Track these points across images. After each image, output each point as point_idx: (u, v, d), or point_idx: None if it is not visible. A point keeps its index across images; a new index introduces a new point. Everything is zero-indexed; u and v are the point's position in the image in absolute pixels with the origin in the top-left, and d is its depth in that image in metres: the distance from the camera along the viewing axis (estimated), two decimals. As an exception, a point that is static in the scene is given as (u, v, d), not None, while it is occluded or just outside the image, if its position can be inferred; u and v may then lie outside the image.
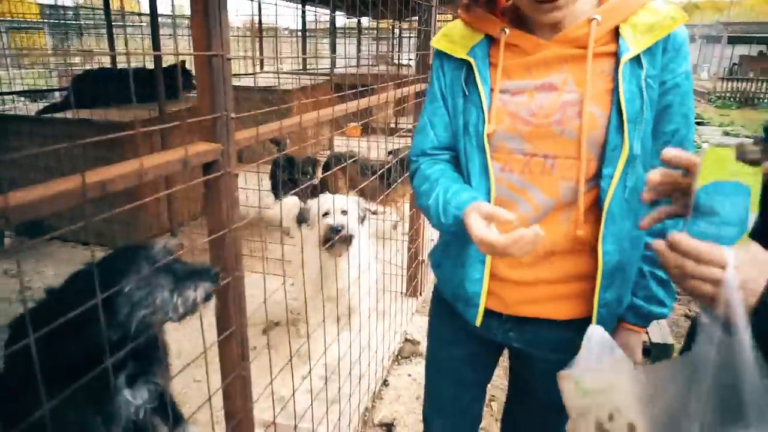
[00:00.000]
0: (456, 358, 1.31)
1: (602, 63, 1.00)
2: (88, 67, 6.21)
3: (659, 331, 3.06)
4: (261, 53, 8.86)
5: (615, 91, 0.98)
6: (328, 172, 4.06)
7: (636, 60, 0.98)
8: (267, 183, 4.15)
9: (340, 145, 7.03)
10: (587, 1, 1.04)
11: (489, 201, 1.08)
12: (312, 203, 2.47)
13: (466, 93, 1.10)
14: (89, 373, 0.81)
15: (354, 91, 2.01)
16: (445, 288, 1.26)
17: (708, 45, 26.41)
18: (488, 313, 1.17)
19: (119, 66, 5.00)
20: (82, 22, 9.19)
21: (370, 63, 11.01)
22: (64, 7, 10.21)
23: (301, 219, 2.52)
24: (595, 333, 0.96)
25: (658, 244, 0.72)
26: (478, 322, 1.17)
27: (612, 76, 0.99)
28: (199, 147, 1.04)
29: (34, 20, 10.68)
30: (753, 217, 0.66)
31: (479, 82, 1.07)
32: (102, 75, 4.34)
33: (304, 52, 10.08)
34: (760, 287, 0.66)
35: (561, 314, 1.12)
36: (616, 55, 0.99)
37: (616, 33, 1.00)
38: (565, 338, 1.12)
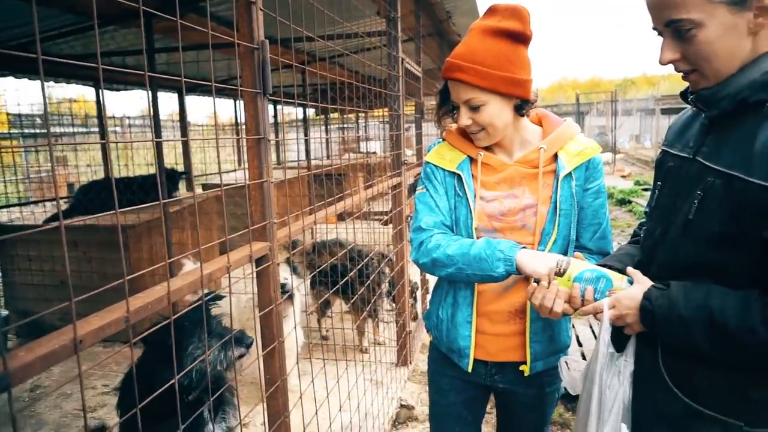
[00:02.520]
0: (456, 403, 1.65)
1: (547, 178, 1.48)
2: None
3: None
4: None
5: (554, 195, 1.46)
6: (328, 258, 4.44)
7: (568, 175, 1.46)
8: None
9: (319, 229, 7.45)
10: (534, 131, 1.53)
11: None
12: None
13: (459, 194, 1.52)
14: (182, 410, 1.16)
15: (337, 196, 2.46)
16: (441, 344, 1.64)
17: (645, 117, 28.82)
18: (477, 362, 1.56)
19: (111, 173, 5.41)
20: (53, 130, 9.60)
21: (340, 152, 11.74)
22: (32, 116, 10.65)
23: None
24: (563, 362, 1.40)
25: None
26: (470, 369, 1.56)
27: (552, 186, 1.47)
28: (256, 246, 1.44)
29: (3, 131, 11.03)
30: (594, 267, 1.25)
31: (467, 190, 1.50)
32: (105, 184, 4.76)
33: (278, 146, 10.74)
34: (634, 310, 1.11)
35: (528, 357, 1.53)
36: (555, 172, 1.47)
37: (554, 156, 1.49)
38: (538, 377, 1.54)
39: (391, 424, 3.16)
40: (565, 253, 1.48)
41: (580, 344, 4.10)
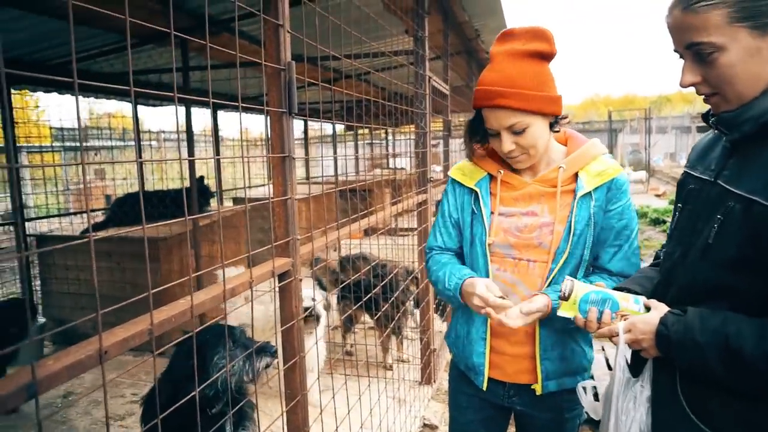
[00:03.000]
0: (473, 421, 1.65)
1: (566, 197, 1.47)
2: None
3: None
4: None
5: (570, 215, 1.45)
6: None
7: (587, 195, 1.45)
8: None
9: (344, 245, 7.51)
10: (559, 150, 1.53)
11: None
12: None
13: (475, 212, 1.55)
14: (204, 423, 1.18)
15: (362, 213, 2.48)
16: (459, 361, 1.65)
17: (681, 135, 28.18)
18: (495, 382, 1.56)
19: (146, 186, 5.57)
20: (92, 143, 9.94)
21: (368, 168, 11.83)
22: (73, 129, 11.09)
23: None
24: (580, 388, 1.38)
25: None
26: (484, 387, 1.56)
27: (570, 206, 1.46)
28: (279, 261, 1.47)
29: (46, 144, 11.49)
30: (599, 288, 1.25)
31: (482, 206, 1.53)
32: (138, 197, 4.92)
33: (307, 163, 10.89)
34: (650, 335, 1.09)
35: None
36: (574, 192, 1.46)
37: (575, 176, 1.48)
38: (554, 400, 1.52)
39: (414, 442, 3.13)
40: (576, 273, 1.46)
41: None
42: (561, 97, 1.42)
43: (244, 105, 1.39)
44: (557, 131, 1.50)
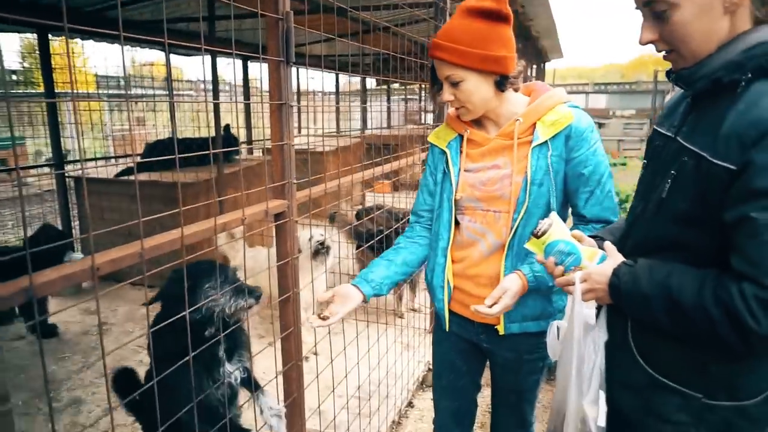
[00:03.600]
0: (449, 351, 1.79)
1: (524, 149, 1.52)
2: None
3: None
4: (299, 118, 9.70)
5: (527, 166, 1.50)
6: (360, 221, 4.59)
7: (543, 144, 1.49)
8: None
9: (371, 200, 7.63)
10: (522, 103, 1.57)
11: (448, 244, 1.64)
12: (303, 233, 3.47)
13: (446, 171, 1.65)
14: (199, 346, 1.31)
15: (384, 157, 2.55)
16: (434, 301, 1.78)
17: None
18: (466, 320, 1.68)
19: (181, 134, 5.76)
20: (134, 91, 10.21)
21: (399, 123, 11.76)
22: (117, 77, 11.37)
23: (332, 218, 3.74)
24: (553, 326, 1.46)
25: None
26: (447, 328, 1.72)
27: (527, 157, 1.51)
28: (273, 203, 1.58)
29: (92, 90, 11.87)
30: (572, 241, 1.26)
31: (451, 166, 1.63)
32: (169, 143, 5.10)
33: (338, 114, 10.94)
34: (603, 285, 1.15)
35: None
36: (531, 143, 1.51)
37: (533, 127, 1.52)
38: (516, 341, 1.63)
39: (417, 385, 3.30)
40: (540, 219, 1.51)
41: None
42: (507, 57, 1.45)
43: (243, 53, 1.46)
44: (504, 90, 1.52)
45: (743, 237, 0.94)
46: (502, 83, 1.50)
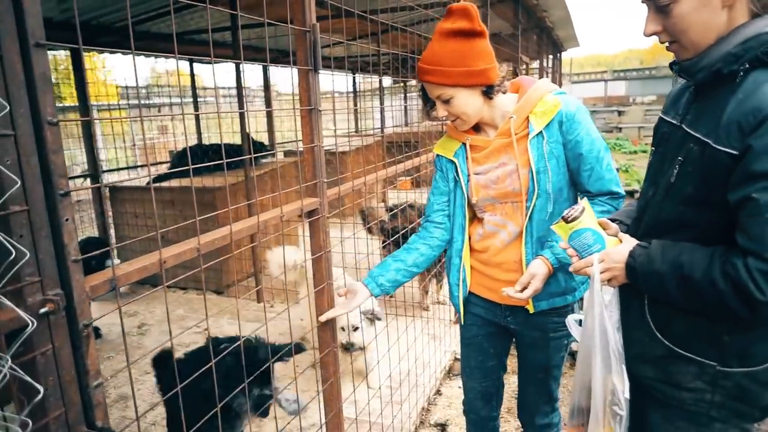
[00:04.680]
0: (478, 335, 1.91)
1: (523, 142, 1.63)
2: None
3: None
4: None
5: (529, 157, 1.61)
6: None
7: (539, 135, 1.60)
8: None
9: (393, 197, 7.76)
10: (512, 101, 1.68)
11: (462, 246, 1.80)
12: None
13: (456, 179, 1.78)
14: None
15: (404, 155, 2.67)
16: (450, 298, 1.92)
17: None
18: (493, 304, 1.81)
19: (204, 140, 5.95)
20: (155, 101, 10.47)
21: (416, 120, 11.84)
22: (139, 87, 11.69)
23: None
24: (570, 319, 1.54)
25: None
26: (462, 322, 1.88)
27: (527, 149, 1.62)
28: (307, 201, 1.71)
29: (114, 101, 12.20)
30: (600, 231, 1.32)
31: (460, 174, 1.76)
32: (197, 150, 5.31)
33: (356, 113, 11.08)
34: (621, 265, 1.23)
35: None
36: (528, 135, 1.62)
37: (527, 120, 1.63)
38: (542, 320, 1.74)
39: (445, 374, 3.41)
40: (548, 204, 1.62)
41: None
42: (488, 69, 1.57)
43: (272, 65, 1.59)
44: (492, 96, 1.63)
45: (746, 216, 1.03)
46: (488, 92, 1.62)
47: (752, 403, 1.17)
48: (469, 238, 1.81)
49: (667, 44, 1.17)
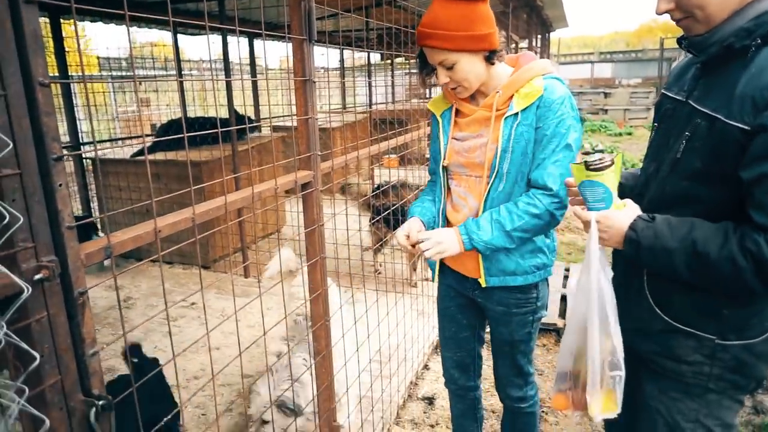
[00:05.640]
0: (451, 306, 1.96)
1: (500, 120, 1.62)
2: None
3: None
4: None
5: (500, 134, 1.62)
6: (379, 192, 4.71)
7: (515, 115, 1.60)
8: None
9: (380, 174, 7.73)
10: (505, 74, 1.67)
11: (440, 206, 1.82)
12: None
13: (439, 138, 1.79)
14: None
15: (392, 132, 2.65)
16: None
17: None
18: (462, 276, 1.86)
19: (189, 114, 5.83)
20: (138, 72, 10.23)
21: (404, 98, 11.77)
22: (119, 59, 11.41)
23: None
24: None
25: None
26: (435, 279, 1.95)
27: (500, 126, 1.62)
28: (301, 173, 1.69)
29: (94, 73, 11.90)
30: (613, 192, 1.25)
31: (441, 134, 1.77)
32: (181, 123, 5.20)
33: (343, 89, 10.96)
34: (616, 231, 1.22)
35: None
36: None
37: (511, 98, 1.62)
38: (502, 295, 1.77)
39: (432, 349, 3.45)
40: (513, 186, 1.64)
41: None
42: (491, 33, 1.55)
43: (267, 32, 1.55)
44: (493, 63, 1.62)
45: (764, 193, 1.03)
46: (491, 58, 1.61)
47: (748, 374, 1.21)
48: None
49: (677, 21, 1.16)
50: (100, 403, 0.90)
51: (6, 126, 0.78)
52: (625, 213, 1.23)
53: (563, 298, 3.97)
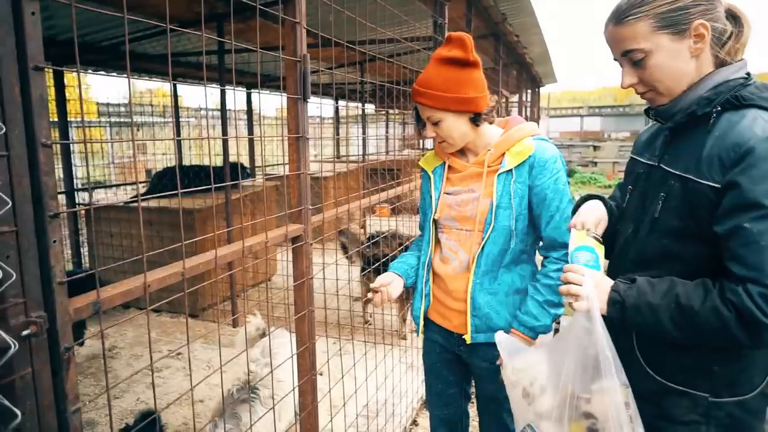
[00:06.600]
0: (437, 362, 1.95)
1: (492, 176, 1.70)
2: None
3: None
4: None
5: (493, 190, 1.68)
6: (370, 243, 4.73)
7: (508, 172, 1.68)
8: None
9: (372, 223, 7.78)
10: (497, 135, 1.76)
11: (427, 259, 1.86)
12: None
13: (431, 194, 1.85)
14: None
15: (387, 183, 2.70)
16: (411, 308, 1.96)
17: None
18: (447, 332, 1.86)
19: (184, 161, 5.90)
20: (136, 119, 10.38)
21: (397, 148, 11.98)
22: (118, 105, 11.62)
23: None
24: (501, 337, 1.53)
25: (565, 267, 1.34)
26: (419, 333, 1.95)
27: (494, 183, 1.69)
28: (291, 227, 1.72)
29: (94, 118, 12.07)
30: (602, 262, 1.29)
31: (433, 189, 1.84)
32: (177, 171, 5.27)
33: (337, 141, 11.16)
34: (602, 292, 1.24)
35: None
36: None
37: (503, 156, 1.70)
38: (487, 351, 1.76)
39: (421, 404, 3.39)
40: (509, 241, 1.69)
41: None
42: (479, 97, 1.65)
43: (262, 92, 1.62)
44: (478, 125, 1.71)
45: (740, 245, 1.07)
46: (476, 119, 1.70)
47: None
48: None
49: (641, 94, 1.24)
50: (79, 462, 0.89)
51: (6, 185, 0.81)
52: (605, 280, 1.27)
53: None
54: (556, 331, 3.70)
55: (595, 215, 1.39)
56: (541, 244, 1.78)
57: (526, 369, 1.43)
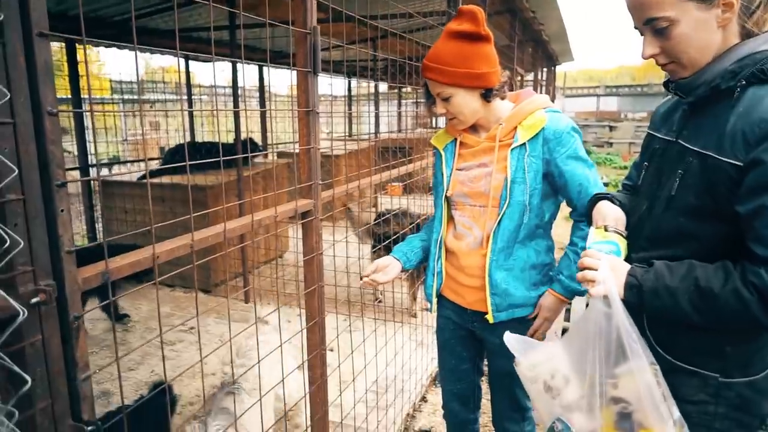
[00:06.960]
0: (451, 338, 1.95)
1: (504, 150, 1.67)
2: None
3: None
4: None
5: (507, 165, 1.66)
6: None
7: (522, 146, 1.65)
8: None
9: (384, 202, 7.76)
10: (507, 108, 1.73)
11: (439, 236, 1.85)
12: None
13: (443, 172, 1.82)
14: None
15: (398, 161, 2.68)
16: (424, 286, 1.97)
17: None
18: (460, 308, 1.85)
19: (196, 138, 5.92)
20: (149, 96, 10.43)
21: (409, 127, 11.89)
22: (131, 82, 11.63)
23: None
24: (509, 337, 1.46)
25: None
26: (433, 310, 1.94)
27: (507, 157, 1.66)
28: (301, 202, 1.71)
29: (107, 95, 12.13)
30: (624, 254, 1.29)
31: (444, 167, 1.81)
32: (190, 147, 5.28)
33: (350, 119, 11.09)
34: (619, 277, 1.22)
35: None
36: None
37: (515, 130, 1.67)
38: (504, 328, 1.71)
39: (431, 381, 3.41)
40: (523, 216, 1.67)
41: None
42: (490, 72, 1.62)
43: (271, 66, 1.59)
44: (490, 100, 1.68)
45: (763, 226, 1.04)
46: (487, 95, 1.66)
47: (753, 412, 1.21)
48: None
49: (663, 65, 1.20)
50: (90, 429, 0.90)
51: (13, 152, 0.80)
52: (622, 264, 1.25)
53: (565, 332, 3.93)
54: (564, 331, 3.65)
55: (614, 213, 1.38)
56: (571, 212, 1.76)
57: (543, 363, 1.41)
